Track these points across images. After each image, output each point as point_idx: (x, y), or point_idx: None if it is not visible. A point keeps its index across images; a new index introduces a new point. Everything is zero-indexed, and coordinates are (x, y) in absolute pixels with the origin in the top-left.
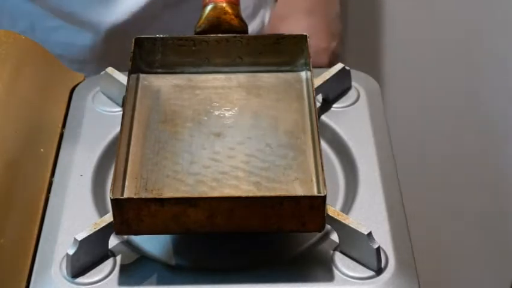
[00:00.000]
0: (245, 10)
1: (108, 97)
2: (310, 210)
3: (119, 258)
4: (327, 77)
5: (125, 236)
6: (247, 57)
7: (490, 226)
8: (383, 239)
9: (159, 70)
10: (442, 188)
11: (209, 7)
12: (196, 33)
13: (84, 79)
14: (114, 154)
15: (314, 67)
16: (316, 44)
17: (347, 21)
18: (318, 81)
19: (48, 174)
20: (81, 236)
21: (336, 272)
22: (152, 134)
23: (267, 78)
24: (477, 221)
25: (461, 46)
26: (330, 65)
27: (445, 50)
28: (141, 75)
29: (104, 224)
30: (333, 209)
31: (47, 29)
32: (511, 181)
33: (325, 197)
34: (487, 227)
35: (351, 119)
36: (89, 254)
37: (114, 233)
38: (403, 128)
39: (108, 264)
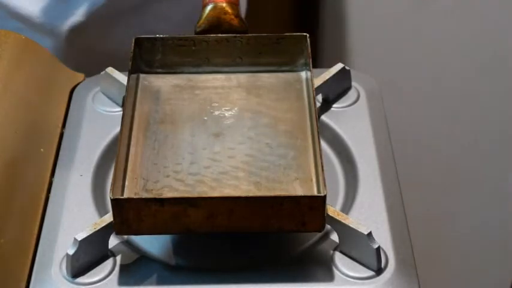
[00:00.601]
0: None
1: (108, 97)
2: (310, 210)
3: (119, 258)
4: (327, 77)
5: (125, 236)
6: (247, 57)
7: (490, 226)
8: (383, 239)
9: (159, 70)
10: (442, 188)
11: (209, 7)
12: (196, 33)
13: (84, 79)
14: (114, 154)
15: None
16: None
17: (347, 21)
18: (318, 81)
19: (48, 174)
20: (81, 236)
21: (336, 272)
22: (152, 134)
23: (267, 78)
24: (477, 221)
25: (462, 46)
26: None
27: (445, 50)
28: (141, 75)
29: (104, 224)
30: (333, 209)
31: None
32: (511, 181)
33: (325, 197)
34: (487, 227)
35: (351, 119)
36: (89, 254)
37: (114, 233)
38: (403, 128)
39: (108, 264)
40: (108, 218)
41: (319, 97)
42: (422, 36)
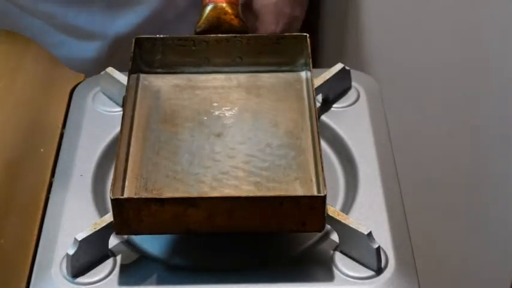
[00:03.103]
0: None
1: (108, 97)
2: (310, 210)
3: (119, 258)
4: (327, 77)
5: (125, 236)
6: (247, 57)
7: (490, 226)
8: (383, 239)
9: (159, 70)
10: (442, 188)
11: (209, 7)
12: (196, 33)
13: (84, 79)
14: (114, 154)
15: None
16: (292, 12)
17: (347, 21)
18: (318, 81)
19: (48, 174)
20: (81, 236)
21: (336, 272)
22: (152, 134)
23: (267, 78)
24: (477, 221)
25: (462, 46)
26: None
27: (445, 50)
28: (141, 75)
29: (104, 224)
30: (333, 209)
31: (48, 45)
32: (511, 181)
33: (325, 197)
34: (487, 227)
35: (351, 119)
36: (89, 254)
37: (114, 233)
38: (403, 128)
39: (108, 264)
40: (108, 218)
41: (319, 97)
42: (423, 35)
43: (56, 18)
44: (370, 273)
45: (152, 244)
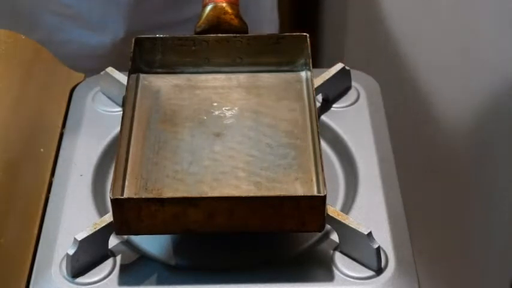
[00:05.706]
0: None
1: (108, 97)
2: (310, 210)
3: (119, 258)
4: (327, 77)
5: (125, 236)
6: (247, 57)
7: (490, 226)
8: (383, 239)
9: (159, 70)
10: (442, 188)
11: (209, 7)
12: (196, 33)
13: (84, 79)
14: (114, 154)
15: None
16: None
17: (347, 21)
18: (318, 81)
19: (48, 174)
20: (81, 236)
21: (336, 272)
22: (152, 134)
23: (267, 78)
24: (477, 221)
25: (462, 46)
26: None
27: (445, 50)
28: (141, 75)
29: (104, 224)
30: (333, 209)
31: (62, 40)
32: (511, 181)
33: (325, 197)
34: (487, 227)
35: (351, 119)
36: (89, 254)
37: (114, 233)
38: (403, 128)
39: (108, 264)
40: (108, 218)
41: (319, 97)
42: (423, 35)
43: (70, 12)
44: (370, 273)
45: (152, 244)
